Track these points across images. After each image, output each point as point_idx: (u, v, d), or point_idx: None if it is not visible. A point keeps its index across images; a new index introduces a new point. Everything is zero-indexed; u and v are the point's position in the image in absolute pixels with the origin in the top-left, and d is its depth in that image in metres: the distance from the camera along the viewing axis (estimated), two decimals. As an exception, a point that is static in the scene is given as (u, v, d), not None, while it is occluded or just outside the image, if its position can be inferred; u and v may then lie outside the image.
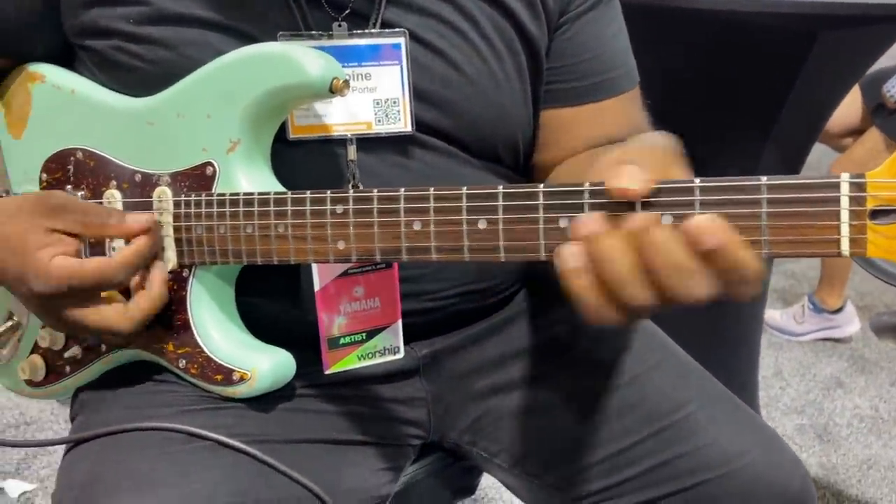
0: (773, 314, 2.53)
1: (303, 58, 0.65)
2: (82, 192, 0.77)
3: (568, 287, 0.52)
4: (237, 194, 0.68)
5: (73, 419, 0.81)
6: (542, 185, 0.55)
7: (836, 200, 0.46)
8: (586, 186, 0.53)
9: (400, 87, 0.74)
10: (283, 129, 0.73)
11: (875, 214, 0.46)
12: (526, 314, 0.88)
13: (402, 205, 0.60)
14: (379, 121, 0.74)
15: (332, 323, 0.77)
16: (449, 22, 0.75)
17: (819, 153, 1.95)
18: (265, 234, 0.67)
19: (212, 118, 0.70)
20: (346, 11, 0.73)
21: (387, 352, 0.80)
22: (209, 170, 0.71)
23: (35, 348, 0.80)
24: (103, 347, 0.78)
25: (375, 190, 0.62)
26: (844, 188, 0.46)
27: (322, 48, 0.72)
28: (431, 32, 0.74)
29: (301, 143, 0.74)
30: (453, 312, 0.82)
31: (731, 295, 0.49)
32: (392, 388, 0.82)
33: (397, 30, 0.73)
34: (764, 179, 0.48)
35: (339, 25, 0.73)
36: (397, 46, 0.74)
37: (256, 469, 0.70)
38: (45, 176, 0.79)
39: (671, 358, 0.86)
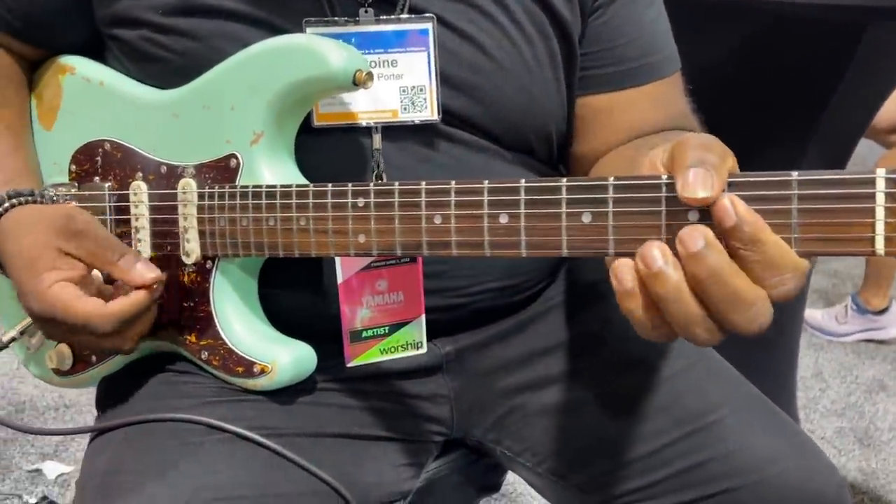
0: (813, 314, 2.47)
1: (325, 50, 0.65)
2: (110, 183, 0.77)
3: (621, 305, 0.50)
4: (260, 187, 0.68)
5: (98, 408, 0.81)
6: (564, 179, 0.53)
7: (871, 197, 0.44)
8: (610, 181, 0.51)
9: (427, 74, 0.73)
10: (307, 116, 0.72)
11: (913, 212, 0.43)
12: (554, 311, 0.86)
13: (423, 198, 0.59)
14: (405, 108, 0.73)
15: (355, 316, 0.76)
16: (477, 6, 0.73)
17: (865, 149, 1.90)
18: (287, 227, 0.66)
19: (236, 110, 0.70)
20: None
21: (409, 346, 0.79)
22: (233, 162, 0.70)
23: (64, 338, 0.81)
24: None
25: (397, 183, 0.61)
26: (880, 184, 0.44)
27: (347, 35, 0.71)
28: (460, 17, 0.73)
29: (325, 131, 0.73)
30: (479, 309, 0.80)
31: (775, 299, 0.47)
32: (415, 383, 0.81)
33: (425, 15, 0.72)
34: (795, 175, 0.45)
35: (366, 11, 0.72)
36: (424, 32, 0.72)
37: (276, 462, 0.70)
38: (73, 167, 0.80)
39: (704, 359, 0.84)
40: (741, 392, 0.82)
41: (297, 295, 0.76)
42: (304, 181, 0.71)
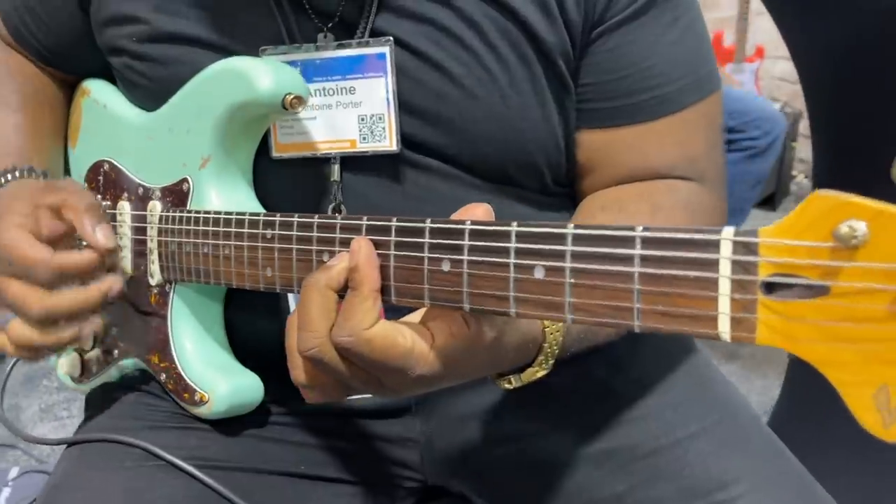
0: None
1: (254, 73, 0.63)
2: (107, 203, 0.80)
3: None
4: (199, 212, 0.67)
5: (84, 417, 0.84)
6: (429, 220, 0.47)
7: (714, 264, 0.34)
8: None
9: (385, 102, 0.69)
10: (267, 146, 0.71)
11: (771, 287, 0.33)
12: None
13: (314, 233, 0.55)
14: (364, 138, 0.69)
15: (314, 350, 0.73)
16: (445, 28, 0.67)
17: None
18: (216, 254, 0.65)
19: (189, 133, 0.69)
20: (335, 20, 0.69)
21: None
22: (185, 186, 0.70)
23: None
24: (115, 353, 0.80)
25: (296, 216, 0.57)
26: (726, 248, 0.34)
27: (302, 61, 0.69)
28: (424, 40, 0.67)
29: (285, 161, 0.71)
30: None
31: None
32: (380, 424, 0.76)
33: (382, 38, 0.68)
34: (639, 230, 0.37)
35: (325, 36, 0.69)
36: (382, 56, 0.68)
37: (208, 496, 0.68)
38: (85, 186, 0.84)
39: (730, 420, 0.72)
40: (772, 467, 0.69)
41: (256, 324, 0.74)
42: (255, 208, 0.69)
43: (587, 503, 0.71)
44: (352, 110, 0.69)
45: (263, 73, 0.62)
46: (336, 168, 0.70)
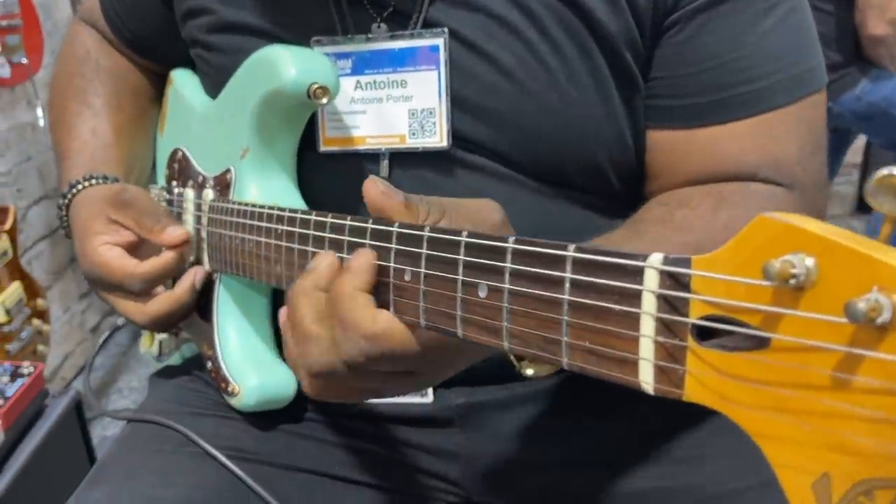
0: None
1: (279, 61, 0.61)
2: (179, 190, 0.82)
3: None
4: (236, 203, 0.66)
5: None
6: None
7: (637, 296, 0.27)
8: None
9: (437, 96, 0.65)
10: (314, 140, 0.69)
11: (704, 332, 0.26)
12: (602, 385, 0.70)
13: (311, 231, 0.52)
14: (413, 133, 0.66)
15: (351, 351, 0.71)
16: (499, 17, 0.62)
17: None
18: (242, 248, 0.64)
19: (233, 123, 0.69)
20: (389, 10, 0.66)
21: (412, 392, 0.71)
22: (229, 175, 0.70)
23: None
24: (181, 335, 0.82)
25: (299, 211, 0.54)
26: (651, 279, 0.27)
27: (353, 53, 0.66)
28: (477, 30, 0.63)
29: (332, 156, 0.69)
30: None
31: None
32: (418, 433, 0.72)
33: (436, 29, 0.64)
34: (570, 249, 0.30)
35: (379, 26, 0.66)
36: (435, 49, 0.64)
37: (238, 487, 0.68)
38: (167, 172, 0.86)
39: None
40: None
41: None
42: (296, 201, 0.68)
43: None
44: (402, 104, 0.66)
45: (290, 62, 0.60)
46: (385, 164, 0.67)
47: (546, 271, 0.31)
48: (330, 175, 0.69)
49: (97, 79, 0.84)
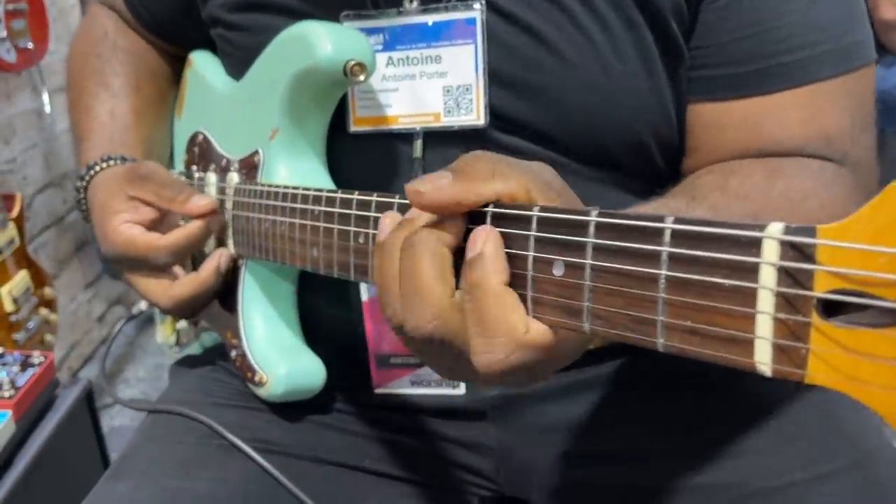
0: None
1: (314, 38, 0.58)
2: (199, 174, 0.80)
3: None
4: (265, 186, 0.64)
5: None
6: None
7: (754, 271, 0.25)
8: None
9: (473, 71, 0.62)
10: (343, 120, 0.66)
11: (831, 308, 0.24)
12: (642, 374, 0.68)
13: (353, 210, 0.50)
14: (449, 111, 0.63)
15: (383, 339, 0.68)
16: None
17: None
18: (274, 231, 0.61)
19: (261, 103, 0.67)
20: None
21: (444, 383, 0.69)
22: (256, 157, 0.67)
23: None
24: (200, 324, 0.80)
25: (339, 191, 0.52)
26: (770, 250, 0.25)
27: (384, 28, 0.63)
28: (517, 1, 0.60)
29: (363, 136, 0.66)
30: None
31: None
32: (451, 426, 0.70)
33: (472, 1, 0.61)
34: (669, 220, 0.28)
35: (411, 1, 0.63)
36: (471, 21, 0.61)
37: (264, 480, 0.65)
38: (185, 156, 0.84)
39: (862, 467, 0.60)
40: None
41: (329, 308, 0.71)
42: (326, 183, 0.65)
43: None
44: (436, 81, 0.63)
45: (325, 38, 0.58)
46: (418, 144, 0.64)
47: (637, 245, 0.29)
48: (360, 157, 0.67)
49: (115, 59, 0.82)
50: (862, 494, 0.58)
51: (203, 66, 0.81)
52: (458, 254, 0.38)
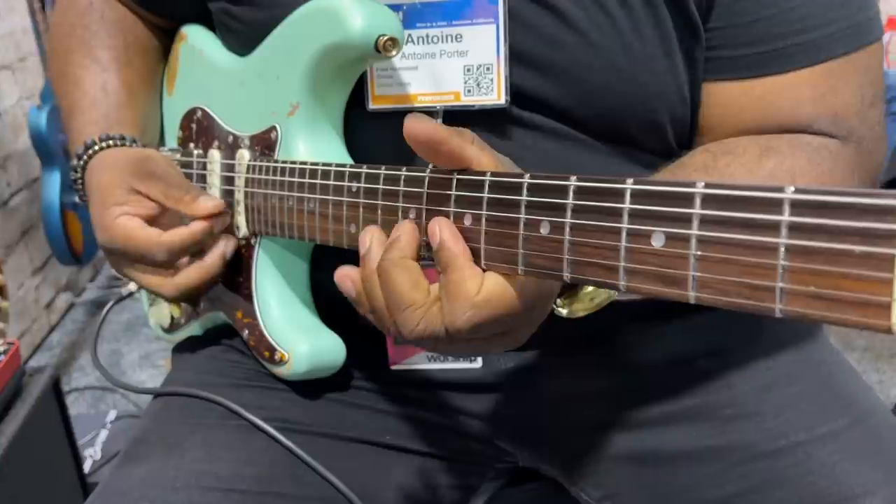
0: None
1: (345, 12, 0.57)
2: (199, 151, 0.78)
3: None
4: (286, 162, 0.63)
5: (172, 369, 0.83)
6: (528, 175, 0.41)
7: (890, 237, 0.27)
8: (572, 181, 0.38)
9: (495, 50, 0.62)
10: (363, 98, 0.66)
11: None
12: (653, 342, 0.71)
13: (401, 187, 0.50)
14: (469, 91, 0.63)
15: (400, 316, 0.68)
16: None
17: None
18: (300, 208, 0.61)
19: (279, 79, 0.65)
20: None
21: (461, 357, 0.69)
22: (273, 134, 0.66)
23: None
24: (201, 306, 0.78)
25: (383, 168, 0.52)
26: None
27: (405, 5, 0.63)
28: None
29: (381, 114, 0.66)
30: (550, 330, 0.68)
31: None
32: (467, 398, 0.71)
33: None
34: (790, 191, 0.29)
35: None
36: (494, 1, 0.62)
37: (288, 459, 0.65)
38: (180, 133, 0.82)
39: (861, 426, 0.64)
40: None
41: None
42: (345, 160, 0.65)
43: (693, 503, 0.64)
44: (457, 60, 0.63)
45: (356, 13, 0.57)
46: (438, 123, 0.64)
47: (751, 215, 0.30)
48: (378, 134, 0.66)
49: (103, 30, 0.79)
50: (862, 450, 0.62)
51: (199, 40, 0.79)
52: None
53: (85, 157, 0.72)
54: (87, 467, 1.52)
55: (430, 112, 0.64)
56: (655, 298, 0.35)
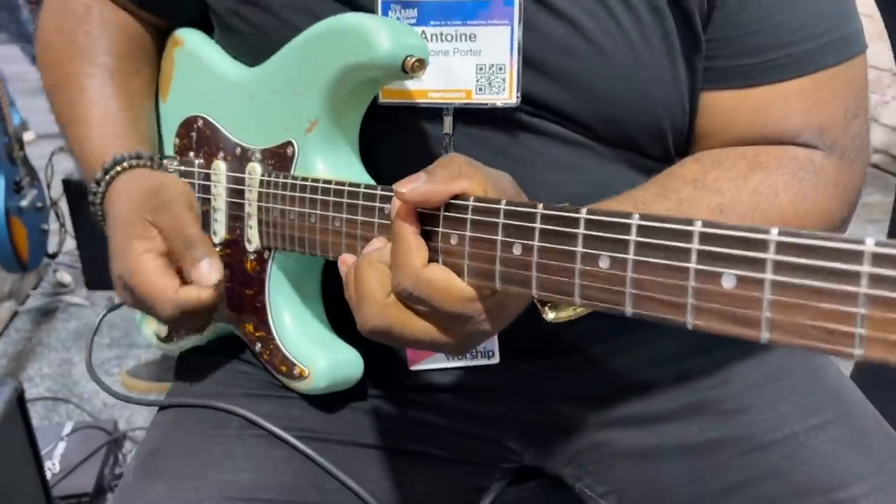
0: None
1: (372, 32, 0.57)
2: (200, 161, 0.76)
3: None
4: (307, 180, 0.63)
5: (176, 379, 0.82)
6: (584, 210, 0.42)
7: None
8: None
9: (508, 52, 0.63)
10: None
11: None
12: (655, 341, 0.73)
13: (441, 212, 0.50)
14: (481, 89, 0.64)
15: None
16: None
17: None
18: (324, 226, 0.61)
19: (296, 95, 0.65)
20: None
21: (479, 354, 0.71)
22: (289, 150, 0.66)
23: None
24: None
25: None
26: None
27: (421, 2, 0.63)
28: None
29: (392, 109, 0.65)
30: (563, 332, 0.70)
31: None
32: (480, 402, 0.73)
33: None
34: (870, 244, 0.31)
35: None
36: (510, 2, 0.62)
37: (310, 468, 0.66)
38: (177, 141, 0.80)
39: (848, 417, 0.67)
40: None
41: None
42: (362, 176, 0.65)
43: (695, 496, 0.67)
44: (470, 59, 0.64)
45: (382, 33, 0.57)
46: (448, 120, 0.64)
47: (829, 263, 0.32)
48: (388, 129, 0.66)
49: (105, 36, 0.76)
50: (850, 440, 0.65)
51: (197, 46, 0.78)
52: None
53: (104, 183, 0.70)
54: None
55: (438, 109, 0.64)
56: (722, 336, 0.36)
